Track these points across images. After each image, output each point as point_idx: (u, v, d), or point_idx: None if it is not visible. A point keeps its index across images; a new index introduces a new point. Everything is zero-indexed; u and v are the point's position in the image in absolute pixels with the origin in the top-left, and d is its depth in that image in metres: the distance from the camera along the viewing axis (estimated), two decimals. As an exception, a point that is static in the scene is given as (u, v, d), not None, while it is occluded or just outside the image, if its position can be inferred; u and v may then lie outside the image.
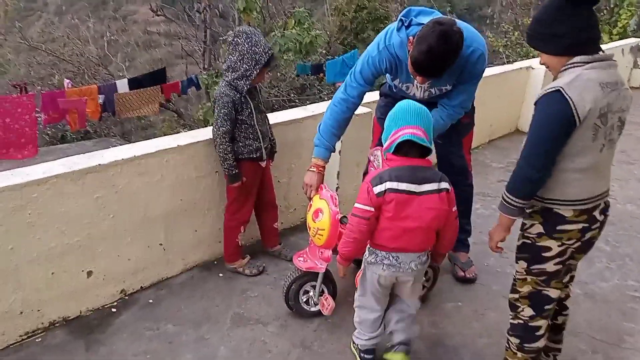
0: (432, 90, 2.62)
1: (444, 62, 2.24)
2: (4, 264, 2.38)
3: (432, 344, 2.65)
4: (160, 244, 2.96)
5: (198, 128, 3.11)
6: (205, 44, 10.73)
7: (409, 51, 2.33)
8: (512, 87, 5.66)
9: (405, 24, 2.44)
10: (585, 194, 1.94)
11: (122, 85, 7.11)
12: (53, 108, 6.21)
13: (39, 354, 2.48)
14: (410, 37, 2.33)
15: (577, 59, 1.86)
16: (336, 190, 3.68)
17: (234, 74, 2.75)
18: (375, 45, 2.57)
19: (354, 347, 2.54)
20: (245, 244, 3.24)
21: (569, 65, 1.87)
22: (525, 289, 2.13)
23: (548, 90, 1.86)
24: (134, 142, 3.07)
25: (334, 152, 2.80)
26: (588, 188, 1.94)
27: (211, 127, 2.95)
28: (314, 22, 11.48)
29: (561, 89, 1.81)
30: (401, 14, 2.49)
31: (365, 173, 2.91)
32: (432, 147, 2.11)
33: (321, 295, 2.72)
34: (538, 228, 2.03)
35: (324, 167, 2.74)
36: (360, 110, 3.59)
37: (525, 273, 2.12)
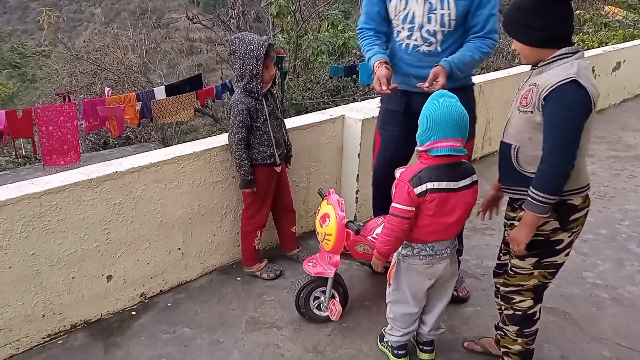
0: (432, 1, 2.50)
1: None
2: (26, 268, 2.48)
3: (448, 349, 2.60)
4: (179, 249, 3.02)
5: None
6: (240, 49, 10.87)
7: None
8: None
9: None
10: (588, 177, 2.01)
11: (159, 92, 7.32)
12: (93, 115, 6.45)
13: (60, 355, 2.57)
14: None
15: (564, 50, 1.88)
16: (356, 193, 3.67)
17: (244, 79, 2.78)
18: None
19: (382, 345, 2.56)
20: (263, 247, 3.27)
21: (561, 56, 1.88)
22: (531, 282, 2.13)
23: (562, 82, 1.83)
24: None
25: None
26: (586, 170, 2.02)
27: (226, 134, 2.99)
28: (349, 24, 11.48)
29: (577, 79, 1.81)
30: None
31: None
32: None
33: (331, 301, 2.71)
34: (553, 224, 2.01)
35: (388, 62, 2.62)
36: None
37: (532, 268, 2.10)
